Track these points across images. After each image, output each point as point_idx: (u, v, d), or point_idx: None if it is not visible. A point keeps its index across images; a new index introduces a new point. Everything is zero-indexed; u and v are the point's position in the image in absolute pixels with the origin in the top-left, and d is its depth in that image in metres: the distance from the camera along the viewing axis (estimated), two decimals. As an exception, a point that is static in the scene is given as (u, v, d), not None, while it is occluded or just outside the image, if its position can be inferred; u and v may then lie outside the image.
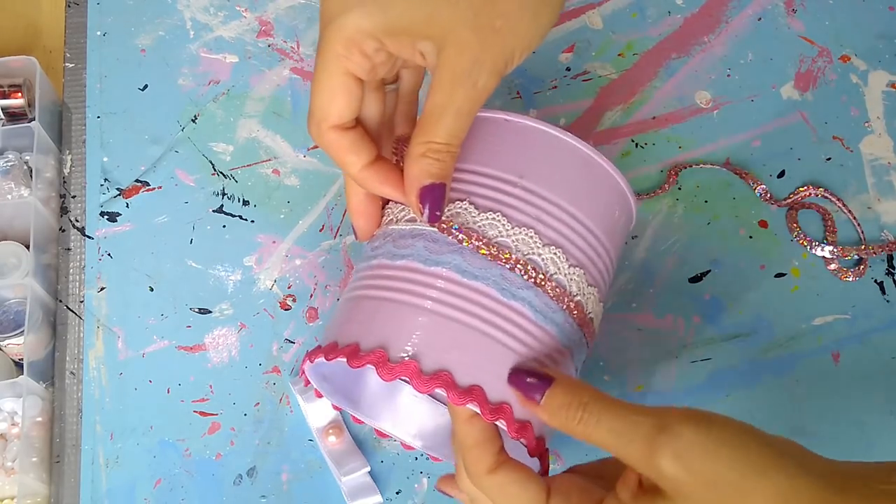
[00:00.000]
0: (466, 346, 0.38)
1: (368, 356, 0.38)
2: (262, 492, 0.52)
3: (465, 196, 0.41)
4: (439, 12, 0.35)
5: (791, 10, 0.65)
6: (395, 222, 0.42)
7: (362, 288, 0.42)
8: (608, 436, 0.34)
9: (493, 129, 0.43)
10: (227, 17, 0.65)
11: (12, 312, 0.56)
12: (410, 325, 0.39)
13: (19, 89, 0.59)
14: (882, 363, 0.55)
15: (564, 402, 0.36)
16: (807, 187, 0.59)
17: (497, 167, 0.41)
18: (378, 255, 0.42)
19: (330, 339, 0.41)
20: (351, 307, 0.42)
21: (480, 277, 0.39)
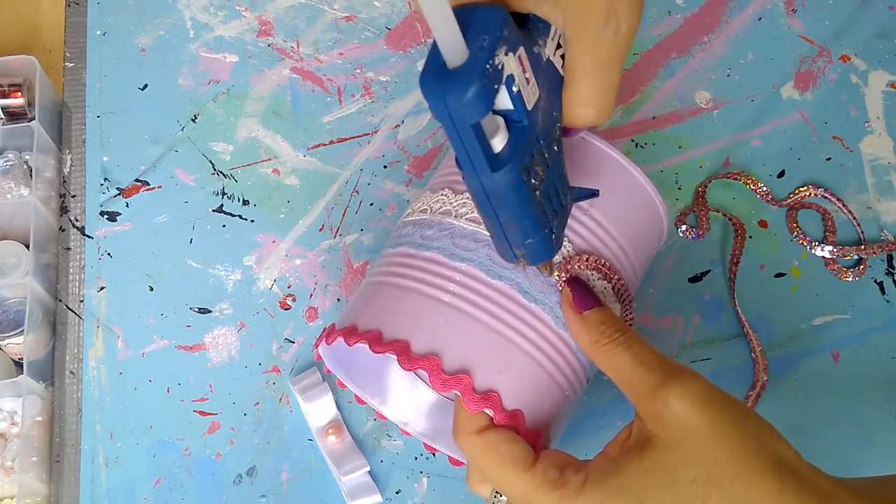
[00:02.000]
0: (459, 331, 0.39)
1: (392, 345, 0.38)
2: (262, 491, 0.52)
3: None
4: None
5: (791, 10, 0.65)
6: (453, 216, 0.41)
7: (409, 279, 0.41)
8: (631, 361, 0.35)
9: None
10: (227, 17, 0.65)
11: (12, 312, 0.56)
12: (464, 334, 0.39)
13: (19, 89, 0.59)
14: (882, 363, 0.55)
15: (605, 321, 0.37)
16: (807, 187, 0.59)
17: None
18: (433, 249, 0.41)
19: (349, 321, 0.41)
20: (398, 295, 0.41)
21: (467, 259, 0.39)
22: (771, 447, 0.33)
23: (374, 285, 0.42)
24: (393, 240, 0.44)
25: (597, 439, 0.52)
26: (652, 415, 0.34)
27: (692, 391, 0.33)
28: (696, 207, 0.58)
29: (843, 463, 0.52)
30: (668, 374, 0.34)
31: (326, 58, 0.63)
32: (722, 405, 0.33)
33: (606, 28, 0.31)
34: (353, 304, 0.43)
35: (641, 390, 0.34)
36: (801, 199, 0.59)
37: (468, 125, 0.29)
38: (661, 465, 0.33)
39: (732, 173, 0.59)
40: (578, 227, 0.41)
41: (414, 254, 0.41)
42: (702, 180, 0.59)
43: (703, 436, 0.33)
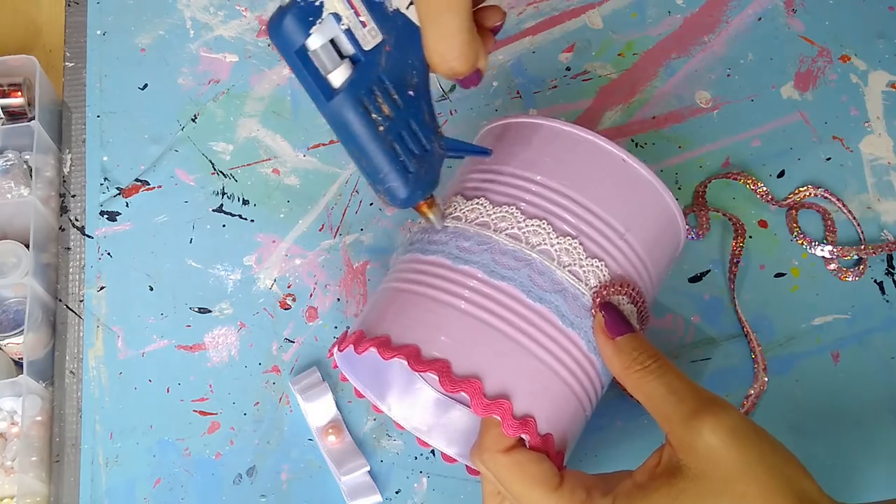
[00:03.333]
0: (500, 355, 0.39)
1: (402, 349, 0.38)
2: (262, 491, 0.52)
3: (512, 201, 0.41)
4: None
5: (791, 10, 0.65)
6: (491, 229, 0.41)
7: (445, 293, 0.41)
8: (663, 390, 0.36)
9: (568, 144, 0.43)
10: (227, 17, 0.65)
11: (12, 312, 0.56)
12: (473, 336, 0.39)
13: (19, 88, 0.59)
14: (882, 363, 0.55)
15: (638, 347, 0.38)
16: (806, 187, 0.59)
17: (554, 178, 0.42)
18: (471, 263, 0.40)
19: (381, 330, 0.41)
20: (398, 299, 0.42)
21: (508, 278, 0.39)
22: (797, 484, 0.33)
23: (406, 294, 0.41)
24: (421, 244, 0.43)
25: (597, 439, 0.52)
26: (683, 445, 0.34)
27: (725, 424, 0.34)
28: (696, 207, 0.58)
29: (842, 463, 0.52)
30: (701, 405, 0.34)
31: (326, 57, 0.63)
32: (753, 439, 0.34)
33: None
34: (383, 311, 0.42)
35: (673, 420, 0.35)
36: (801, 199, 0.59)
37: (292, 52, 0.34)
38: (688, 495, 0.33)
39: (732, 173, 0.59)
40: (614, 251, 0.41)
41: (451, 265, 0.40)
42: (702, 180, 0.59)
43: (733, 469, 0.33)
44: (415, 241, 0.43)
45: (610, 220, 0.41)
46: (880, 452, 0.52)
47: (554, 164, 0.42)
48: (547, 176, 0.42)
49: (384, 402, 0.49)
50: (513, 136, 0.44)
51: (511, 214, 0.41)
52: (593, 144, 0.42)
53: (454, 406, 0.49)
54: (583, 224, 0.41)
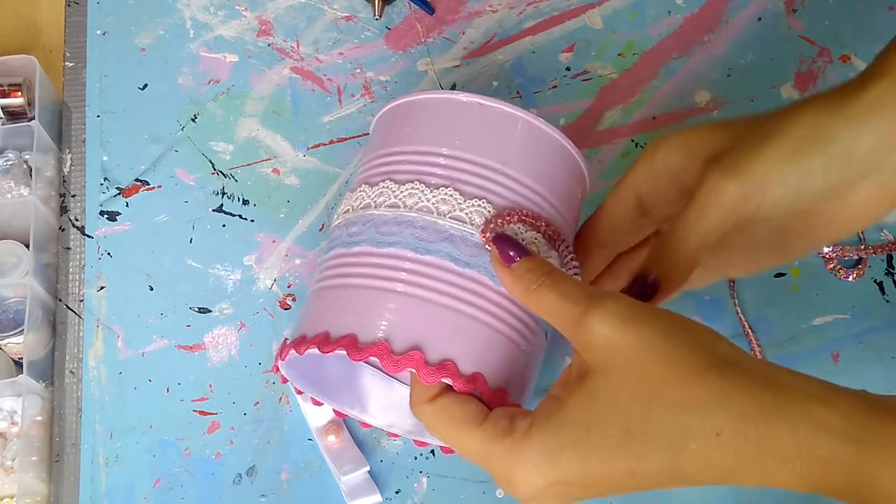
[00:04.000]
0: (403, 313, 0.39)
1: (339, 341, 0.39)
2: (262, 491, 0.52)
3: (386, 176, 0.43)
4: None
5: (791, 10, 0.65)
6: (373, 207, 0.42)
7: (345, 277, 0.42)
8: (557, 298, 0.35)
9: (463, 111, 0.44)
10: (227, 17, 0.65)
11: (12, 311, 0.56)
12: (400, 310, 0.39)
13: (19, 88, 0.59)
14: (882, 363, 0.55)
15: (532, 268, 0.38)
16: None
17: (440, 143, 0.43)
18: (361, 243, 0.41)
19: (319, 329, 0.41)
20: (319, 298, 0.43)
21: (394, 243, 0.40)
22: (707, 347, 0.32)
23: (315, 292, 0.43)
24: (325, 247, 0.45)
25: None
26: (583, 344, 0.34)
27: (612, 311, 0.33)
28: None
29: (842, 463, 0.52)
30: (591, 302, 0.34)
31: (326, 57, 0.63)
32: (647, 319, 0.33)
33: None
34: (300, 317, 0.43)
35: (570, 323, 0.35)
36: None
37: None
38: (599, 391, 0.33)
39: None
40: (495, 187, 0.42)
41: (345, 252, 0.42)
42: None
43: (632, 352, 0.32)
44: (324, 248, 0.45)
45: (481, 160, 0.42)
46: (880, 452, 0.52)
47: (417, 131, 0.44)
48: (411, 143, 0.43)
49: (368, 414, 0.49)
50: (385, 123, 0.47)
51: (387, 188, 0.42)
52: (447, 100, 0.44)
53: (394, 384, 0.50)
54: (454, 172, 0.42)
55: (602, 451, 0.32)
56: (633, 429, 0.32)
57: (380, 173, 0.43)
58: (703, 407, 0.30)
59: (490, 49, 0.64)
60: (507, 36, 0.64)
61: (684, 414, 0.31)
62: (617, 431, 0.32)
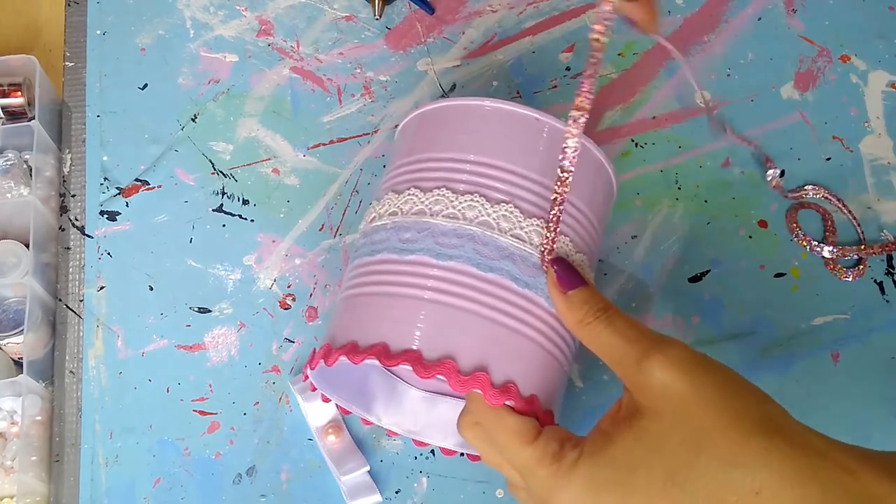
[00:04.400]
0: (441, 324, 0.39)
1: (369, 350, 0.38)
2: (262, 491, 0.52)
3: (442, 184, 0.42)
4: None
5: (791, 10, 0.65)
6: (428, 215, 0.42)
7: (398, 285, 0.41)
8: (613, 337, 0.36)
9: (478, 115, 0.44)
10: (227, 17, 0.65)
11: (12, 311, 0.56)
12: (414, 316, 0.39)
13: (19, 88, 0.59)
14: (882, 363, 0.55)
15: (588, 299, 0.38)
16: (814, 186, 0.59)
17: (476, 152, 0.42)
18: (417, 251, 0.41)
19: (346, 338, 0.41)
20: (352, 305, 0.42)
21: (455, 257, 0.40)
22: (756, 407, 0.33)
23: (364, 297, 0.42)
24: (364, 247, 0.44)
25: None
26: (638, 386, 0.35)
27: (673, 358, 0.34)
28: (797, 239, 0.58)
29: (842, 463, 0.52)
30: (650, 345, 0.35)
31: (326, 57, 0.63)
32: (705, 369, 0.34)
33: None
34: (344, 320, 0.42)
35: (626, 363, 0.35)
36: (804, 197, 0.59)
37: None
38: (648, 433, 0.34)
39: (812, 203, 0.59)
40: (526, 195, 0.41)
41: (397, 259, 0.41)
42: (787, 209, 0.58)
43: (687, 400, 0.33)
44: (359, 247, 0.44)
45: (539, 178, 0.42)
46: (880, 452, 0.52)
47: (475, 140, 0.43)
48: (470, 152, 0.42)
49: (372, 413, 0.49)
50: (429, 123, 0.45)
51: (444, 196, 0.41)
52: (503, 111, 0.43)
53: (440, 400, 0.50)
54: (514, 188, 0.41)
55: (643, 492, 0.33)
56: (677, 475, 0.32)
57: (433, 178, 0.42)
58: (747, 465, 0.31)
59: (490, 49, 0.64)
60: (507, 36, 0.64)
61: (729, 469, 0.32)
62: (660, 475, 0.33)
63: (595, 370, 0.55)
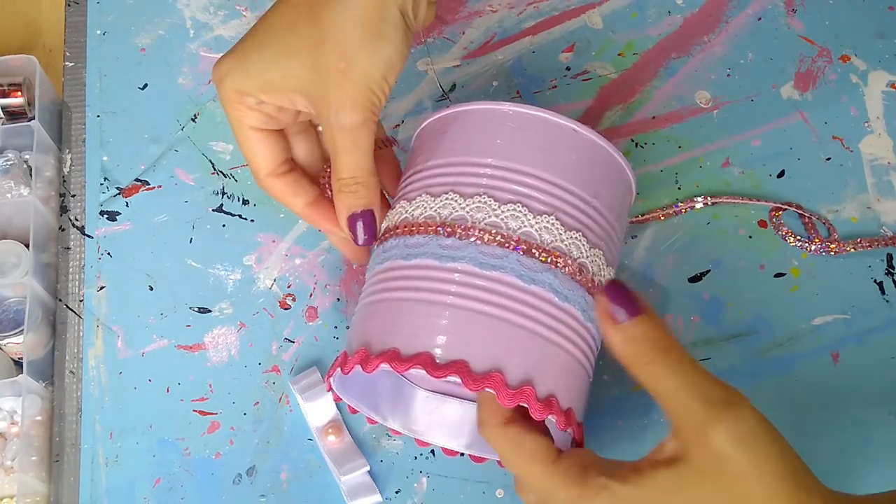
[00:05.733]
0: (487, 335, 0.39)
1: (381, 356, 0.38)
2: (262, 491, 0.52)
3: (483, 190, 0.41)
4: (290, 69, 0.41)
5: (791, 10, 0.65)
6: (469, 223, 0.42)
7: (409, 290, 0.41)
8: (675, 386, 0.34)
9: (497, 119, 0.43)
10: (227, 17, 0.65)
11: (12, 311, 0.56)
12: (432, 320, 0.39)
13: (19, 88, 0.59)
14: (882, 363, 0.55)
15: (649, 335, 0.34)
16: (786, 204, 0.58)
17: (510, 159, 0.42)
18: (422, 256, 0.41)
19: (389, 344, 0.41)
20: (367, 313, 0.42)
21: (498, 267, 0.39)
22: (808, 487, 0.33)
23: (401, 303, 0.41)
24: (399, 249, 0.43)
25: (598, 439, 0.52)
26: (692, 444, 0.33)
27: (737, 431, 0.32)
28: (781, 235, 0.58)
29: (842, 462, 0.52)
30: (717, 408, 0.33)
31: (326, 57, 0.63)
32: (765, 444, 0.33)
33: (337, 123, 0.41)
34: (382, 324, 0.42)
35: (685, 420, 0.33)
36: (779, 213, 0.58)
37: None
38: (687, 485, 0.33)
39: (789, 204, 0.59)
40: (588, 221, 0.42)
41: (437, 265, 0.40)
42: (769, 210, 0.58)
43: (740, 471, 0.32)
44: (389, 249, 0.43)
45: (578, 191, 0.42)
46: (880, 452, 0.52)
47: (510, 146, 0.42)
48: (509, 159, 0.42)
49: (378, 413, 0.49)
50: (462, 125, 0.44)
51: (485, 204, 0.41)
52: (542, 119, 0.43)
53: (446, 400, 0.50)
54: (556, 200, 0.41)
55: None
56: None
57: (473, 184, 0.42)
58: None
59: (490, 49, 0.64)
60: (507, 36, 0.64)
61: None
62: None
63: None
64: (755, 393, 0.53)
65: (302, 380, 0.53)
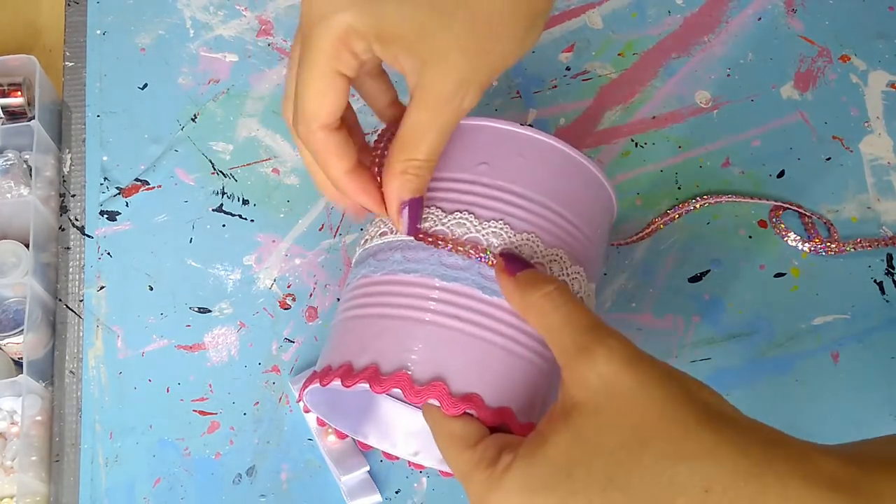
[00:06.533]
0: (460, 352, 0.38)
1: (362, 373, 0.38)
2: (262, 491, 0.52)
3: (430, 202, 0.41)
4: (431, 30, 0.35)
5: (791, 10, 0.65)
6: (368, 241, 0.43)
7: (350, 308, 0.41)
8: (561, 320, 0.34)
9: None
10: (227, 16, 0.65)
11: (12, 311, 0.56)
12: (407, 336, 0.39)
13: (19, 88, 0.59)
14: (881, 363, 0.55)
15: (537, 279, 0.36)
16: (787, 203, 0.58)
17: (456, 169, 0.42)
18: (383, 270, 0.41)
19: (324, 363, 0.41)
20: (340, 329, 0.42)
21: (461, 279, 0.39)
22: (701, 400, 0.31)
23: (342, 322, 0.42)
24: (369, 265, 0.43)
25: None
26: (577, 378, 0.32)
27: (618, 352, 0.32)
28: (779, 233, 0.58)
29: (842, 463, 0.52)
30: (596, 335, 0.33)
31: (326, 57, 0.63)
32: (647, 365, 0.32)
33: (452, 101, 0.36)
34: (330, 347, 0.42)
35: (570, 352, 0.33)
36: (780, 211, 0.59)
37: None
38: (586, 431, 0.31)
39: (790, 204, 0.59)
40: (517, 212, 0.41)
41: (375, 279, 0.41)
42: (769, 210, 0.58)
43: (629, 397, 0.31)
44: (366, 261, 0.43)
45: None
46: (880, 452, 0.52)
47: (495, 162, 0.42)
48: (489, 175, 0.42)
49: (348, 427, 0.48)
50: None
51: (466, 220, 0.41)
52: (507, 133, 0.42)
53: (412, 411, 0.49)
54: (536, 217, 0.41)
55: (582, 495, 0.31)
56: (618, 477, 0.30)
57: (452, 200, 0.41)
58: (693, 461, 0.29)
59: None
60: (507, 36, 0.64)
61: (674, 467, 0.29)
62: (600, 478, 0.30)
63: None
64: (755, 393, 0.54)
65: (302, 380, 0.53)
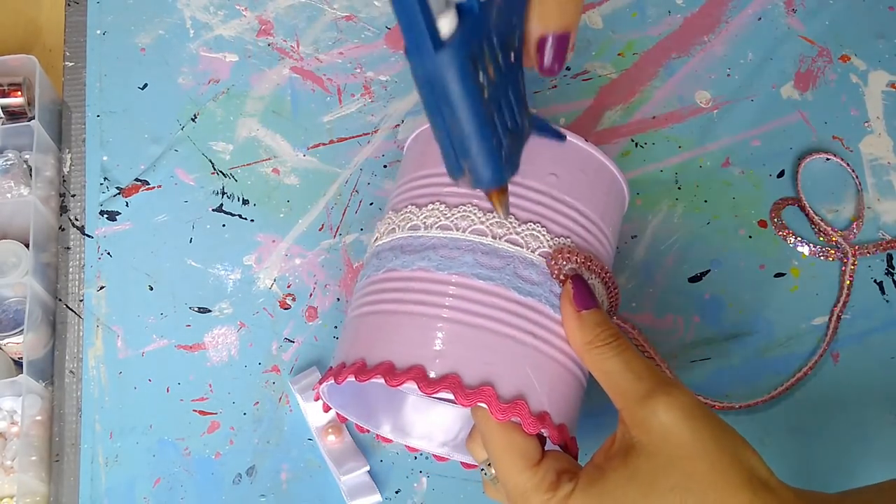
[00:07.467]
0: (479, 347, 0.38)
1: (376, 369, 0.38)
2: (262, 491, 0.52)
3: (468, 201, 0.41)
4: None
5: (791, 10, 0.65)
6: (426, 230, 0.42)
7: (367, 304, 0.41)
8: (621, 367, 0.37)
9: None
10: (227, 16, 0.65)
11: (12, 311, 0.56)
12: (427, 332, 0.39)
13: (19, 88, 0.59)
14: (882, 363, 0.55)
15: (602, 323, 0.38)
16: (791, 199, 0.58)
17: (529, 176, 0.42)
18: (417, 266, 0.41)
19: (339, 359, 0.41)
20: (357, 325, 0.42)
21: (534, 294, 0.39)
22: (746, 461, 0.34)
23: (376, 315, 0.41)
24: (370, 262, 0.43)
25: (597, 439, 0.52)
26: (637, 422, 0.35)
27: (679, 403, 0.35)
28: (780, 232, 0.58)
29: (842, 463, 0.52)
30: (657, 385, 0.36)
31: (326, 57, 0.63)
32: (704, 420, 0.35)
33: None
34: (358, 341, 0.42)
35: (629, 397, 0.36)
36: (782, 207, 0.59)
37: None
38: (642, 472, 0.34)
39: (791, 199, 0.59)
40: (562, 219, 0.41)
41: (401, 275, 0.41)
42: (770, 206, 0.58)
43: (684, 447, 0.34)
44: (382, 257, 0.43)
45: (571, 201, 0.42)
46: (880, 452, 0.52)
47: None
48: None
49: (368, 419, 0.49)
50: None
51: (438, 209, 0.41)
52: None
53: (436, 404, 0.49)
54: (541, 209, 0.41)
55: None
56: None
57: (459, 193, 0.42)
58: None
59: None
60: (507, 36, 0.64)
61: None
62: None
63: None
64: (755, 393, 0.54)
65: (302, 380, 0.53)
